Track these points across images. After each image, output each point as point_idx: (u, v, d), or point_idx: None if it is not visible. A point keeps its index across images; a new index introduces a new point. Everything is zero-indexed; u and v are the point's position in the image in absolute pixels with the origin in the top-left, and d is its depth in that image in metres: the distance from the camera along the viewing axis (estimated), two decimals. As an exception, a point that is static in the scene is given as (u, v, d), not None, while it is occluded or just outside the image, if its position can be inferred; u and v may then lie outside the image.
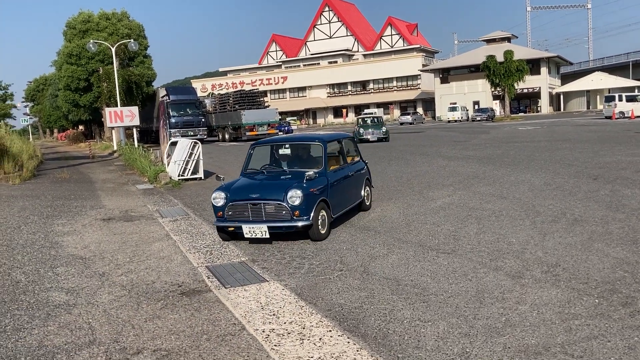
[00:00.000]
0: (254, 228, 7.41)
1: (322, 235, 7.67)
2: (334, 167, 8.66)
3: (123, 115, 28.81)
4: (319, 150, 8.46)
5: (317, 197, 7.55)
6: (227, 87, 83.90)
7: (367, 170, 10.00)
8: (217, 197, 7.81)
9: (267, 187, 7.77)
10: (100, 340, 4.54)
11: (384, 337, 4.43)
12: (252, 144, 9.06)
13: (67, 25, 43.31)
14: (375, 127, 29.34)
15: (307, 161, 8.72)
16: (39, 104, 78.12)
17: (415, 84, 77.86)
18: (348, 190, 8.80)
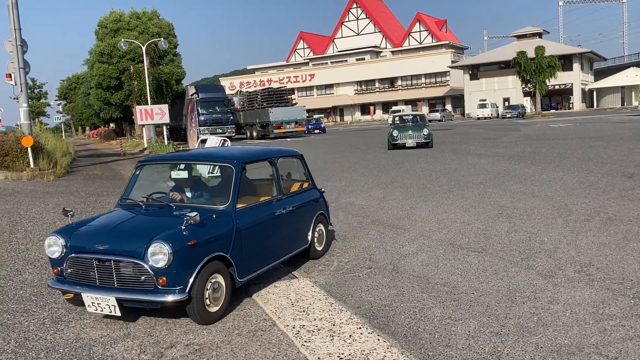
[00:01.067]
0: (97, 299, 4.65)
1: (213, 316, 4.83)
2: (256, 201, 5.87)
3: (153, 113, 29.23)
4: (229, 176, 5.52)
5: (204, 254, 4.72)
6: (255, 85, 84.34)
7: (321, 202, 7.12)
8: (52, 245, 4.96)
9: (124, 234, 4.87)
10: (135, 334, 4.64)
11: (414, 335, 4.42)
12: (139, 161, 6.29)
13: (99, 25, 44.10)
14: (414, 129, 22.89)
15: (213, 191, 5.89)
16: (71, 102, 79.72)
17: (444, 81, 77.11)
18: (280, 235, 5.96)
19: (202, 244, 4.74)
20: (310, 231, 6.65)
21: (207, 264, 4.74)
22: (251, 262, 5.35)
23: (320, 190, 7.23)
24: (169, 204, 5.45)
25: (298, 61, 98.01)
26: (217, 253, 4.87)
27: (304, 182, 7.08)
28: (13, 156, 16.40)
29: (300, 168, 7.11)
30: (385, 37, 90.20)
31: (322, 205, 7.11)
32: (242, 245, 5.20)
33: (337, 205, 10.44)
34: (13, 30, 17.52)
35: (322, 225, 7.02)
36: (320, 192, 7.19)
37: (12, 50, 17.71)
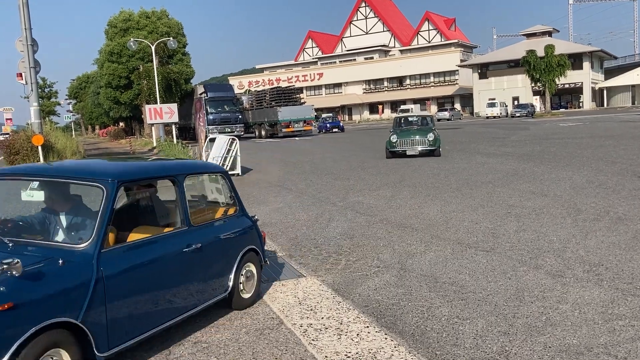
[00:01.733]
0: None
1: None
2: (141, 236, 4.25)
3: (162, 112, 29.35)
4: (97, 201, 3.96)
5: (30, 322, 3.17)
6: (264, 84, 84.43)
7: (253, 234, 5.45)
8: None
9: None
10: (143, 332, 4.65)
11: (422, 334, 4.42)
12: None
13: (109, 24, 44.35)
14: (418, 134, 18.78)
15: (72, 222, 4.22)
16: (81, 101, 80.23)
17: (453, 80, 76.85)
18: (179, 283, 4.37)
19: (28, 307, 3.16)
20: (232, 274, 4.96)
21: (37, 336, 3.16)
22: (124, 327, 3.78)
23: (252, 218, 5.53)
24: (3, 239, 3.74)
25: (307, 60, 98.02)
26: (58, 319, 3.29)
27: (229, 207, 5.41)
28: (24, 155, 16.54)
29: (225, 189, 5.48)
30: (393, 36, 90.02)
31: (253, 238, 5.39)
32: (109, 304, 3.63)
33: (345, 204, 10.44)
34: (24, 30, 17.65)
35: (252, 264, 5.28)
36: (251, 220, 5.49)
37: (23, 49, 17.84)
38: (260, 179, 15.48)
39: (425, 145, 18.42)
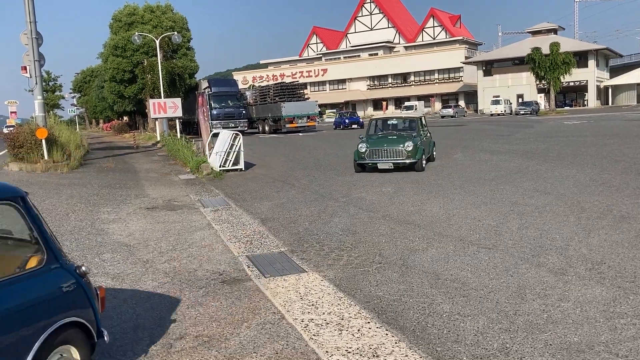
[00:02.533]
0: None
1: None
2: None
3: (166, 107, 29.37)
4: None
5: None
6: (268, 80, 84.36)
7: (74, 296, 3.41)
8: None
9: None
10: (144, 325, 4.67)
11: (423, 330, 4.42)
12: None
13: (114, 18, 44.29)
14: (395, 142, 14.42)
15: None
16: (85, 95, 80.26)
17: (458, 77, 76.62)
18: None
19: None
20: None
21: None
22: None
23: (73, 271, 3.47)
24: None
25: (311, 56, 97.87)
26: None
27: (28, 255, 3.40)
28: (28, 148, 16.56)
29: (21, 226, 3.39)
30: (398, 32, 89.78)
31: (75, 303, 3.42)
32: None
33: (348, 200, 10.44)
34: (28, 23, 17.65)
35: (72, 348, 3.37)
36: (73, 275, 3.45)
37: (28, 42, 17.85)
38: (263, 174, 15.48)
39: (400, 157, 13.89)
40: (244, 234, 8.04)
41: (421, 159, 14.15)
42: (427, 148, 15.16)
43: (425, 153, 14.77)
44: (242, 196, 11.69)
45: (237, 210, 10.05)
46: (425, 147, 14.83)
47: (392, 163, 14.00)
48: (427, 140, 15.71)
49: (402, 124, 16.25)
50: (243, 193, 12.10)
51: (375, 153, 14.25)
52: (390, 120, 16.85)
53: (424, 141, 15.07)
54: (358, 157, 14.51)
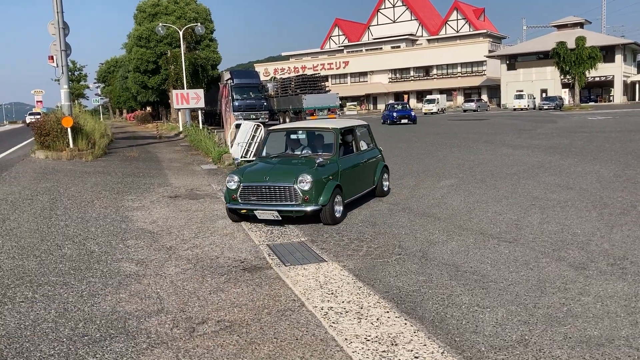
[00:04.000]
0: None
1: None
2: None
3: (189, 98, 29.60)
4: None
5: None
6: (289, 72, 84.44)
7: None
8: None
9: None
10: (168, 309, 4.78)
11: (442, 320, 4.45)
12: None
13: (138, 9, 44.67)
14: (288, 173, 8.04)
15: None
16: (109, 85, 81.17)
17: (481, 71, 75.85)
18: None
19: None
20: None
21: None
22: None
23: None
24: None
25: (333, 48, 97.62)
26: None
27: None
28: (53, 136, 16.86)
29: None
30: (421, 25, 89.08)
31: None
32: None
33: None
34: (56, 13, 17.92)
35: None
36: None
37: (55, 32, 18.13)
38: (284, 165, 15.55)
39: (289, 201, 7.83)
40: (265, 223, 8.12)
41: (331, 203, 7.77)
42: (353, 181, 8.79)
43: (349, 191, 8.53)
44: (263, 187, 11.77)
45: (258, 200, 10.13)
46: (349, 180, 8.51)
47: (276, 211, 7.76)
48: (361, 168, 9.17)
49: (312, 140, 9.33)
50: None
51: (251, 193, 7.96)
52: (295, 132, 9.43)
53: (350, 171, 8.65)
54: (228, 199, 8.22)
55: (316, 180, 7.65)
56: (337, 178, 8.12)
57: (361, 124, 9.98)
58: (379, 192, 9.80)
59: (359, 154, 9.28)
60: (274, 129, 9.57)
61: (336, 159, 8.37)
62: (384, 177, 9.98)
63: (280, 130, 9.64)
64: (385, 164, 10.16)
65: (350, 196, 8.55)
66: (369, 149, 9.80)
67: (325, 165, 8.03)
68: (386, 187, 10.05)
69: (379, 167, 9.83)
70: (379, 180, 9.75)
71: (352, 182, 8.65)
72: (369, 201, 9.56)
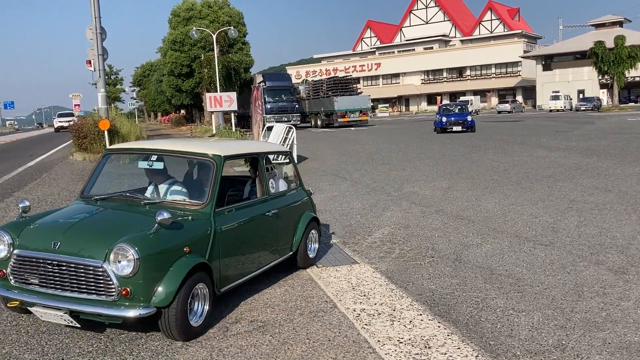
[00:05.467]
0: None
1: None
2: None
3: (222, 100, 29.89)
4: None
5: None
6: (321, 74, 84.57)
7: None
8: None
9: None
10: (202, 309, 4.83)
11: (476, 324, 4.39)
12: None
13: (172, 14, 45.42)
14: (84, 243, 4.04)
15: None
16: (144, 88, 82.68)
17: (515, 71, 74.67)
18: None
19: None
20: None
21: None
22: None
23: None
24: None
25: (364, 50, 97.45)
26: None
27: None
28: (91, 139, 17.28)
29: None
30: (454, 25, 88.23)
31: None
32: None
33: (400, 195, 10.40)
34: (94, 19, 18.36)
35: None
36: None
37: (93, 37, 18.57)
38: (315, 167, 15.60)
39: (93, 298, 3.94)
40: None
41: (181, 303, 4.02)
42: (245, 251, 5.01)
43: (234, 270, 4.80)
44: (295, 188, 11.82)
45: (290, 201, 10.17)
46: (234, 250, 4.81)
47: (67, 311, 3.94)
48: (266, 224, 5.37)
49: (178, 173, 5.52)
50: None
51: (29, 270, 4.17)
52: (147, 158, 5.33)
53: (239, 232, 4.90)
54: None
55: (146, 256, 3.88)
56: (206, 249, 4.40)
57: (275, 150, 6.56)
58: (302, 261, 5.91)
59: (264, 202, 5.37)
60: (111, 149, 5.73)
61: (210, 210, 4.56)
62: (312, 236, 6.14)
63: (120, 151, 5.74)
64: (315, 215, 6.30)
65: (235, 279, 4.80)
66: (287, 191, 6.00)
67: (180, 224, 4.28)
68: (313, 252, 6.14)
69: (302, 220, 5.94)
70: (301, 241, 5.84)
71: (241, 252, 4.92)
72: (400, 203, 9.50)
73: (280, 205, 5.61)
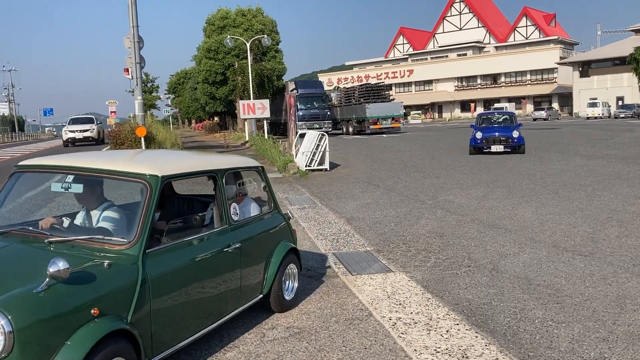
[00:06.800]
0: None
1: None
2: None
3: (255, 108, 30.22)
4: None
5: None
6: (352, 81, 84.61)
7: None
8: None
9: None
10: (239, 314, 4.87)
11: (514, 334, 4.33)
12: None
13: (207, 22, 46.13)
14: None
15: None
16: (179, 96, 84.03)
17: (551, 78, 73.41)
18: None
19: None
20: None
21: None
22: None
23: None
24: None
25: (397, 57, 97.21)
26: None
27: None
28: (128, 145, 17.66)
29: None
30: (489, 32, 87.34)
31: None
32: None
33: (435, 203, 10.33)
34: (131, 28, 18.80)
35: None
36: None
37: (130, 46, 19.01)
38: (347, 174, 15.60)
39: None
40: (330, 232, 8.17)
41: None
42: (193, 304, 3.80)
43: (175, 330, 3.61)
44: (327, 195, 11.85)
45: (323, 208, 10.21)
46: (176, 305, 3.62)
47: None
48: (227, 261, 4.20)
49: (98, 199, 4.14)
50: (328, 192, 12.26)
51: None
52: (62, 178, 4.09)
53: (185, 276, 3.73)
54: None
55: (24, 328, 2.70)
56: (128, 308, 3.21)
57: (240, 165, 4.98)
58: (275, 304, 4.83)
59: (222, 233, 4.25)
60: (22, 166, 4.16)
61: (138, 252, 3.40)
62: (289, 272, 5.07)
63: (31, 169, 4.20)
64: (294, 245, 5.22)
65: (173, 342, 3.61)
66: (256, 217, 4.85)
67: (88, 274, 3.11)
68: (291, 293, 5.07)
69: (276, 253, 4.86)
70: (275, 280, 4.76)
71: (183, 307, 3.70)
72: (435, 211, 9.43)
73: (245, 235, 4.43)
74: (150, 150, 10.06)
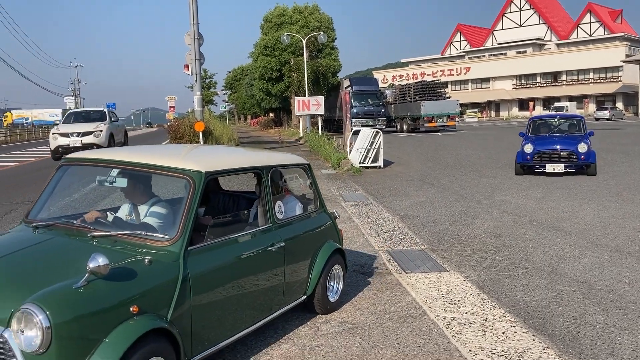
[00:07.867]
0: None
1: None
2: None
3: (310, 104, 30.41)
4: None
5: None
6: (407, 78, 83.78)
7: None
8: None
9: None
10: (294, 308, 4.94)
11: (573, 339, 4.22)
12: None
13: (264, 19, 46.73)
14: None
15: None
16: (235, 92, 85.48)
17: (616, 76, 70.45)
18: None
19: None
20: None
21: None
22: None
23: None
24: None
25: (453, 54, 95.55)
26: None
27: None
28: (187, 140, 18.12)
29: None
30: (550, 28, 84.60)
31: None
32: None
33: (491, 203, 10.14)
34: (192, 25, 19.25)
35: None
36: None
37: (190, 43, 19.48)
38: (401, 172, 15.51)
39: None
40: (384, 229, 8.15)
41: None
42: (233, 304, 3.73)
43: (214, 330, 3.57)
44: (381, 192, 11.82)
45: (376, 205, 10.20)
46: (216, 305, 3.57)
47: None
48: (269, 261, 4.11)
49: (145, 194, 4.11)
50: (382, 190, 12.23)
51: None
52: (106, 172, 4.10)
53: (224, 276, 3.66)
54: None
55: (61, 323, 2.67)
56: (168, 306, 3.16)
57: (287, 162, 4.94)
58: (319, 305, 4.73)
59: (266, 231, 4.17)
60: (69, 158, 4.23)
61: (180, 249, 3.35)
62: (334, 273, 4.96)
63: (79, 161, 4.24)
64: (341, 246, 5.12)
65: (213, 343, 3.54)
66: (301, 216, 4.75)
67: (128, 271, 3.08)
68: (336, 295, 4.95)
69: (321, 253, 4.73)
70: (319, 281, 4.65)
71: (225, 306, 3.65)
72: (491, 211, 9.25)
73: (289, 235, 4.34)
74: (199, 146, 9.46)
